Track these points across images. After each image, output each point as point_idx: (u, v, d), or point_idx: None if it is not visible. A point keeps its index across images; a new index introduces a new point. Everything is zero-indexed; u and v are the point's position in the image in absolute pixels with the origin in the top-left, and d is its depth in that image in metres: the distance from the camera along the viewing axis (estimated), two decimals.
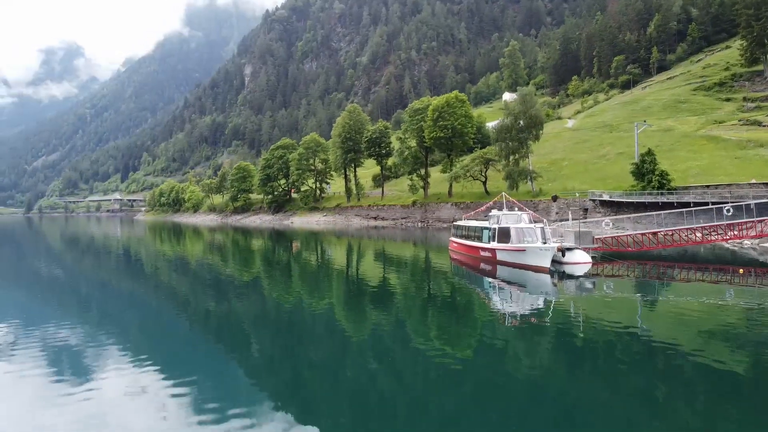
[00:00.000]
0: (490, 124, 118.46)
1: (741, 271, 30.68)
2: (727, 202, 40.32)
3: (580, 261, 33.48)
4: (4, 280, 39.41)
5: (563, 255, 33.43)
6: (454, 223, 47.95)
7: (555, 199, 40.11)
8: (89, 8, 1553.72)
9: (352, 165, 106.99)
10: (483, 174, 79.93)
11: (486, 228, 37.55)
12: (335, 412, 12.49)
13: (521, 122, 68.57)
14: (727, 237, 34.74)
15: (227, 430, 11.28)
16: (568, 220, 44.97)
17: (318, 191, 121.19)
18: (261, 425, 11.57)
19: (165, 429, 11.52)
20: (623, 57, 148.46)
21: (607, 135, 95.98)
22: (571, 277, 31.14)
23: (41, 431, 11.51)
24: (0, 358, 16.84)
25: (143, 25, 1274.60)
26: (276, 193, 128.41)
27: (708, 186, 54.16)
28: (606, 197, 53.31)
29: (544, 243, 32.39)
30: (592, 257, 34.60)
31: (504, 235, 34.61)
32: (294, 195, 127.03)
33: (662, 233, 35.58)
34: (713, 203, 44.01)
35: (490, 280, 32.08)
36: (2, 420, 12.15)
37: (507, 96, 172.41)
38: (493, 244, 35.54)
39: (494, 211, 39.09)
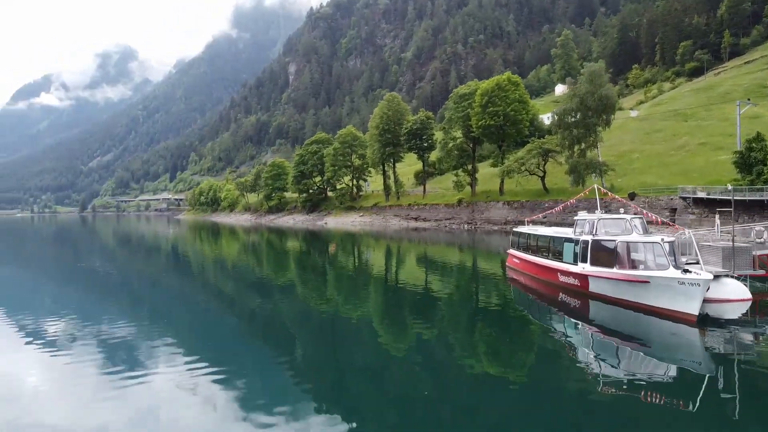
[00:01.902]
0: (545, 116, 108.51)
1: None
2: None
3: (734, 297, 20.79)
4: (64, 277, 40.85)
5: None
6: (516, 229, 34.86)
7: (633, 197, 31.25)
8: (142, 12, 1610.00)
9: (391, 160, 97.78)
10: (541, 168, 68.99)
11: (569, 240, 25.54)
12: (379, 417, 12.24)
13: (588, 105, 57.77)
14: None
15: (273, 428, 11.28)
16: (713, 226, 29.76)
17: (355, 189, 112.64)
18: (306, 425, 11.47)
19: (215, 424, 11.62)
20: (690, 42, 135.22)
21: (681, 124, 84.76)
22: (718, 323, 19.33)
23: (98, 424, 11.65)
24: (59, 352, 17.41)
25: (193, 27, 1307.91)
26: (311, 191, 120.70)
27: None
28: (702, 194, 42.69)
29: (684, 271, 19.16)
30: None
31: (604, 252, 22.53)
32: (330, 193, 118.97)
33: None
34: None
35: (578, 324, 20.66)
36: (62, 413, 12.57)
37: (560, 88, 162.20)
38: (584, 267, 23.53)
39: (583, 214, 26.56)
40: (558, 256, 26.63)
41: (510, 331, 20.13)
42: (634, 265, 21.30)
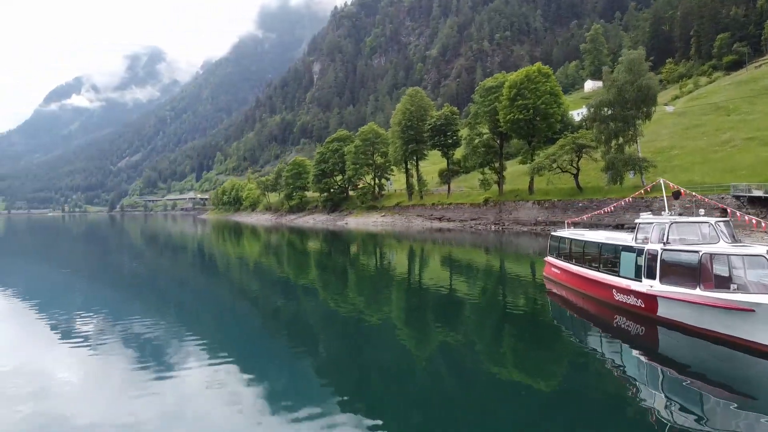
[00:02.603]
0: (575, 112, 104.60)
1: None
2: None
3: None
4: (94, 275, 41.59)
5: None
6: (554, 233, 29.16)
7: (677, 196, 28.02)
8: (170, 14, 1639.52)
9: (414, 157, 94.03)
10: (574, 164, 64.44)
11: (629, 248, 20.41)
12: (403, 418, 12.06)
13: (627, 96, 53.38)
14: None
15: (298, 426, 11.44)
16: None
17: (376, 188, 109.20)
18: (330, 423, 11.49)
19: (241, 421, 11.78)
20: (728, 35, 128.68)
21: (724, 118, 79.56)
22: None
23: (127, 419, 11.75)
24: (89, 348, 17.63)
25: (220, 28, 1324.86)
26: (332, 190, 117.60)
27: None
28: (759, 193, 38.21)
29: None
30: None
31: (681, 266, 17.53)
32: (351, 193, 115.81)
33: None
34: None
35: (641, 355, 15.80)
36: (92, 408, 12.64)
37: (589, 84, 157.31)
38: (652, 285, 18.39)
39: (647, 216, 21.47)
40: (612, 267, 21.60)
41: (548, 352, 16.69)
42: (724, 284, 16.02)
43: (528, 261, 40.51)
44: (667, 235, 18.71)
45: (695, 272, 16.76)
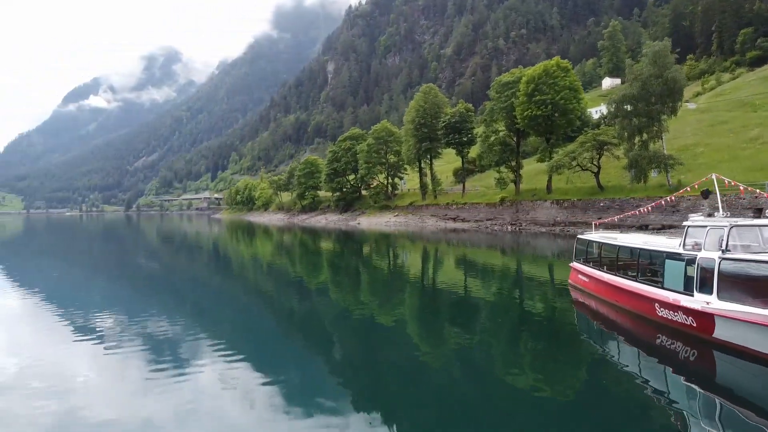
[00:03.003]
0: (593, 110, 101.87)
1: None
2: None
3: None
4: (110, 273, 42.04)
5: None
6: (582, 236, 25.29)
7: (706, 195, 25.32)
8: (185, 15, 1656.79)
9: (428, 156, 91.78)
10: (595, 162, 61.80)
11: (675, 255, 17.11)
12: (417, 420, 11.98)
13: (652, 90, 50.87)
14: None
15: (312, 425, 11.43)
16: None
17: (390, 188, 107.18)
18: (343, 423, 11.49)
19: (255, 420, 11.88)
20: (751, 30, 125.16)
21: (751, 115, 76.87)
22: None
23: (142, 416, 11.88)
24: (103, 346, 17.62)
25: (235, 28, 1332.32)
26: (344, 189, 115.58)
27: None
28: None
29: None
30: None
31: (746, 279, 14.45)
32: (364, 192, 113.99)
33: None
34: None
35: (692, 383, 12.97)
36: (107, 405, 12.71)
37: (607, 82, 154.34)
38: (709, 301, 15.03)
39: (696, 217, 17.78)
40: (652, 277, 18.54)
41: (575, 366, 14.75)
42: None
43: (546, 263, 38.59)
44: (726, 241, 15.10)
45: (766, 287, 13.70)
